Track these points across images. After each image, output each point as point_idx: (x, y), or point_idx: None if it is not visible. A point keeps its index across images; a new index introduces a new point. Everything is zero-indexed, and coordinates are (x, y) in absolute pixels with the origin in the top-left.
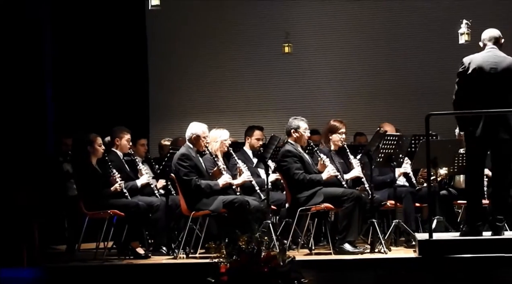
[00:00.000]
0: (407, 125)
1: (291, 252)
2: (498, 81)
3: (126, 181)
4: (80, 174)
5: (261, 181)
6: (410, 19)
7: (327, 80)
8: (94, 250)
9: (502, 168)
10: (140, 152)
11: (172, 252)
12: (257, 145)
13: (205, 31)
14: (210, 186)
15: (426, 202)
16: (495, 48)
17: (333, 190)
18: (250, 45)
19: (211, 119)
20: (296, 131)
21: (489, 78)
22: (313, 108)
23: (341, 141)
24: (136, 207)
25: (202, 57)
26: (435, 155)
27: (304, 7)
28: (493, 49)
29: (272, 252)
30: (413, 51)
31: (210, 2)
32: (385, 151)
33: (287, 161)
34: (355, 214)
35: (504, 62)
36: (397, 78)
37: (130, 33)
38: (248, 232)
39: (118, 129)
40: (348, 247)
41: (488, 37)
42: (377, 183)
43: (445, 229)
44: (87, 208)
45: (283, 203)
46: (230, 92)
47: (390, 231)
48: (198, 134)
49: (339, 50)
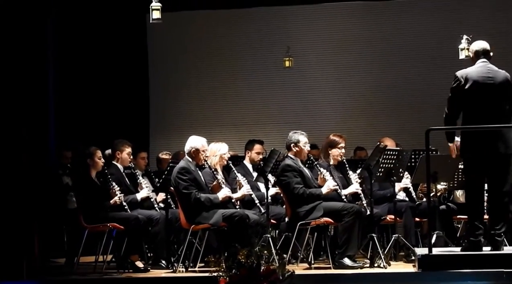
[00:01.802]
0: (407, 139)
1: (290, 266)
2: (495, 95)
3: (126, 195)
4: (79, 187)
5: (261, 195)
6: (410, 35)
7: (328, 94)
8: (94, 263)
9: (500, 182)
10: (140, 165)
11: (171, 265)
12: (257, 159)
13: (206, 45)
14: (210, 199)
15: (425, 217)
16: (487, 61)
17: (333, 205)
18: (251, 59)
19: (211, 133)
20: (296, 145)
21: (486, 92)
22: (314, 122)
23: (340, 156)
24: (135, 220)
25: (203, 71)
26: (435, 170)
27: (305, 21)
28: (485, 63)
29: (271, 266)
30: (413, 66)
31: (211, 16)
32: (385, 166)
33: (287, 175)
34: (355, 228)
35: (499, 75)
36: (397, 93)
37: (131, 46)
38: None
39: (119, 142)
40: (348, 261)
41: (480, 49)
42: (377, 197)
43: (445, 244)
44: (86, 221)
45: (283, 217)
46: (231, 106)
47: (390, 245)
48: (197, 148)
49: (339, 64)
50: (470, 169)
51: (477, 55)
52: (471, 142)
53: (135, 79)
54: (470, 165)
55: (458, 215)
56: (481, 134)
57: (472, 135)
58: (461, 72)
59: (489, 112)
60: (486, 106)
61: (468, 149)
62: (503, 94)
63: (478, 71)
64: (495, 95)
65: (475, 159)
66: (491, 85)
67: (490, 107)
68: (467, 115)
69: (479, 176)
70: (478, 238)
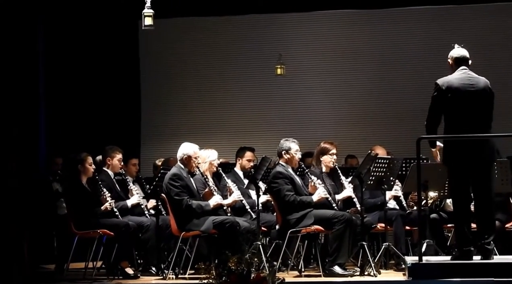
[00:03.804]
0: (398, 148)
1: (280, 274)
2: (476, 102)
3: (116, 201)
4: (70, 193)
5: (251, 202)
6: (403, 44)
7: (319, 102)
8: (83, 269)
9: (485, 189)
10: (131, 171)
11: (161, 272)
12: (248, 166)
13: (197, 52)
14: (201, 206)
15: (416, 226)
16: (466, 68)
17: (323, 212)
18: (242, 66)
19: (203, 140)
20: (287, 152)
21: (467, 99)
22: (305, 130)
23: (332, 162)
24: (126, 227)
25: (194, 78)
26: (426, 178)
27: (297, 29)
28: (465, 70)
29: (261, 274)
30: (405, 74)
31: (203, 23)
32: (376, 174)
33: (278, 183)
34: (346, 236)
35: (480, 82)
36: (389, 101)
37: (123, 53)
38: (238, 253)
39: (110, 148)
40: (338, 269)
41: (460, 57)
42: (368, 205)
43: (435, 253)
44: (76, 227)
45: (274, 225)
46: (222, 112)
47: (380, 254)
48: (189, 155)
49: (331, 72)
50: (454, 177)
51: (456, 62)
52: (454, 150)
53: (126, 86)
54: (454, 173)
55: (449, 223)
56: (464, 142)
57: (455, 143)
58: (441, 80)
59: (471, 119)
60: (468, 113)
61: (451, 157)
62: (484, 101)
63: (459, 78)
64: (477, 102)
65: (459, 167)
66: (472, 92)
67: (472, 114)
68: (449, 122)
69: (464, 184)
70: (468, 247)
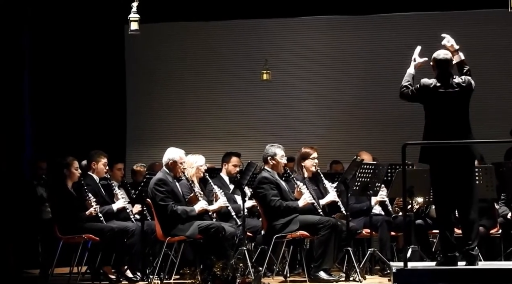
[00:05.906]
0: (384, 154)
1: (266, 279)
2: (457, 103)
3: (101, 205)
4: (55, 197)
5: (237, 207)
6: (389, 50)
7: (305, 107)
8: (68, 274)
9: (467, 193)
10: (117, 176)
11: (146, 277)
12: (234, 171)
13: (183, 57)
14: (186, 211)
15: (401, 231)
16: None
17: (309, 218)
18: (228, 71)
19: (188, 145)
20: (272, 158)
21: (448, 100)
22: (290, 136)
23: (314, 166)
24: (111, 231)
25: (180, 82)
26: (411, 184)
27: (283, 35)
28: (448, 72)
29: (247, 279)
30: (391, 80)
31: (189, 28)
32: (362, 180)
33: (263, 188)
34: (331, 242)
35: (461, 83)
36: (374, 107)
37: (109, 57)
38: (223, 258)
39: (95, 153)
40: (323, 275)
41: (442, 59)
42: (353, 211)
43: (420, 258)
44: (61, 232)
45: (259, 230)
46: (208, 118)
47: (365, 259)
48: (175, 160)
49: (317, 78)
50: (435, 182)
51: (438, 64)
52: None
53: (112, 90)
54: (435, 177)
55: (434, 229)
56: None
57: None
58: (425, 80)
59: (451, 121)
60: (448, 115)
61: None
62: (465, 102)
63: (441, 79)
64: (458, 103)
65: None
66: (454, 93)
67: (452, 116)
68: (429, 123)
69: (445, 189)
70: (453, 252)
